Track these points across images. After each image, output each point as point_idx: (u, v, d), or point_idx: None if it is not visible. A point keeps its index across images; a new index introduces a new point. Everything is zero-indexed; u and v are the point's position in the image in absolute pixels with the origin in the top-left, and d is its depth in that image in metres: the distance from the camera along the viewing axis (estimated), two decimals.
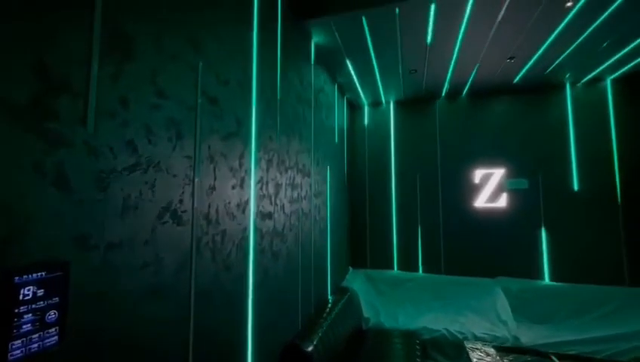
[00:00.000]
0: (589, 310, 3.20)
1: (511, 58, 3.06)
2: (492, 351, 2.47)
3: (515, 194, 3.74)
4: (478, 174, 3.88)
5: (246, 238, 1.57)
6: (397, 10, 2.29)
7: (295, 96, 2.30)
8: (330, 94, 3.43)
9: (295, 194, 2.23)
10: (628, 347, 2.67)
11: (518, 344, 2.84)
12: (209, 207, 1.30)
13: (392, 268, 4.05)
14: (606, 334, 2.84)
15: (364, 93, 4.02)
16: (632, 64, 3.16)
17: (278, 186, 1.97)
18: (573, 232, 3.52)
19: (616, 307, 3.12)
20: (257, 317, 1.62)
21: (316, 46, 2.76)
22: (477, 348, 2.50)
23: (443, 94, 4.03)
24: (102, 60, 0.87)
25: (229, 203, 1.44)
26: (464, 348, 2.54)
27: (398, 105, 4.29)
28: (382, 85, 3.74)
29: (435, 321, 3.20)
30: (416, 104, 4.21)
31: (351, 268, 3.97)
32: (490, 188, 3.82)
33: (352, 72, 3.35)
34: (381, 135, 4.32)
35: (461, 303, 3.46)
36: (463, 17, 2.41)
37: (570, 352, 2.70)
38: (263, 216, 1.76)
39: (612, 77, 3.49)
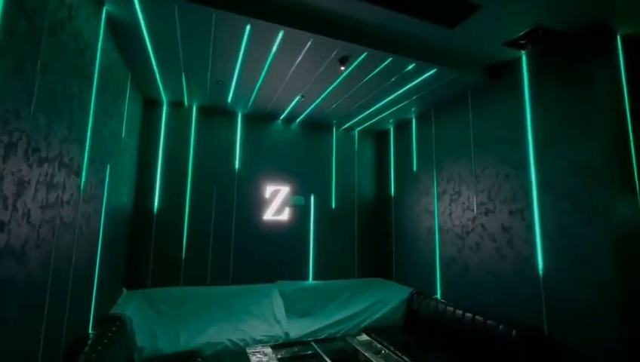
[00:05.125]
0: (334, 299, 4.18)
1: (302, 96, 3.70)
2: (269, 350, 2.75)
3: (295, 209, 4.44)
4: (268, 190, 4.32)
5: None
6: (214, 15, 2.25)
7: (70, 67, 1.73)
8: (122, 80, 2.84)
9: (52, 198, 1.62)
10: (356, 322, 3.71)
11: (289, 339, 3.29)
12: None
13: (178, 284, 3.71)
14: (343, 316, 3.80)
15: (164, 90, 3.59)
16: (368, 123, 4.63)
17: (21, 184, 1.37)
18: (329, 240, 4.58)
19: (350, 295, 4.26)
20: None
21: (110, 15, 2.23)
22: (257, 351, 2.70)
23: (246, 112, 4.26)
24: None
25: None
26: (245, 354, 2.67)
27: (202, 111, 4.13)
28: (186, 86, 3.49)
29: (218, 334, 3.18)
30: (220, 115, 4.21)
31: (125, 290, 3.30)
32: (277, 202, 4.35)
33: (154, 62, 2.94)
34: (180, 140, 3.99)
35: (243, 311, 3.64)
36: (270, 50, 2.70)
37: (322, 336, 3.45)
38: None
39: (359, 128, 4.94)
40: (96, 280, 2.40)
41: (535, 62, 2.77)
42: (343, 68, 2.94)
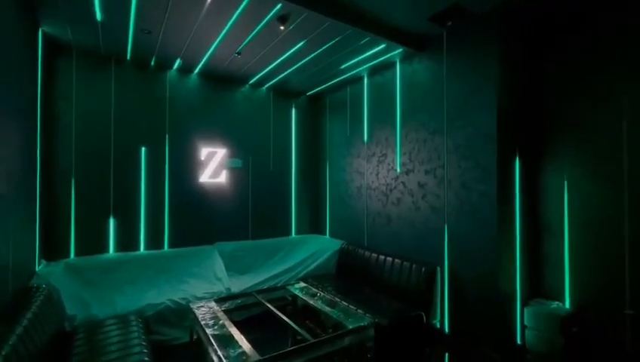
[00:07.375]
0: (272, 256, 4.44)
1: (238, 53, 3.55)
2: (213, 304, 2.89)
3: (232, 171, 4.42)
4: (204, 152, 4.19)
5: None
6: None
7: None
8: (25, 26, 2.36)
9: None
10: (293, 273, 4.04)
11: (231, 293, 3.46)
12: None
13: (107, 252, 3.51)
14: (282, 269, 4.09)
15: (75, 36, 3.08)
16: (304, 87, 4.69)
17: None
18: (267, 200, 4.72)
19: (288, 250, 4.55)
20: None
21: None
22: (201, 306, 2.82)
23: (176, 67, 3.92)
24: None
25: None
26: (190, 310, 2.77)
27: (122, 63, 3.67)
28: (102, 34, 3.05)
29: (158, 295, 3.19)
30: (145, 68, 3.80)
31: (44, 261, 3.01)
32: (213, 165, 4.26)
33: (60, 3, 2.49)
34: (98, 94, 3.53)
35: (183, 272, 3.66)
36: (204, 2, 2.52)
37: (264, 287, 3.70)
38: None
39: (296, 92, 4.97)
40: (11, 249, 2.17)
41: (452, 39, 3.13)
42: (282, 27, 2.91)
